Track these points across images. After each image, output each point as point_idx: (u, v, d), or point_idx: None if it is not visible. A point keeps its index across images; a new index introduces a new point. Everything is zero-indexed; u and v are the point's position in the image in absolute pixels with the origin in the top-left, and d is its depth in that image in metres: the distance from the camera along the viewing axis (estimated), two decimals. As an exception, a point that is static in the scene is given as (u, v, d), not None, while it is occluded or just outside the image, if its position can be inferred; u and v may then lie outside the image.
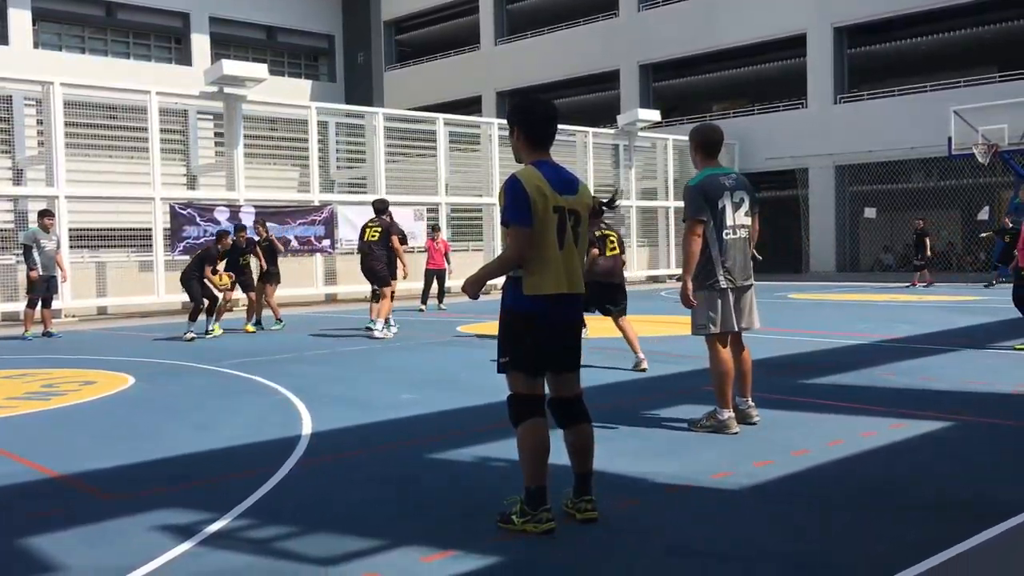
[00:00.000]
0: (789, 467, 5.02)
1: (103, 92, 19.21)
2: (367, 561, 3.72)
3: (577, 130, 26.26)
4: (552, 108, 4.24)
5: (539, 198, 4.01)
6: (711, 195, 5.84)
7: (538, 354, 4.10)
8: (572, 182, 4.18)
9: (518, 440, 4.12)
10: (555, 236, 4.05)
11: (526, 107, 4.23)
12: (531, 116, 4.20)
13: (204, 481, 5.08)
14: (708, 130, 6.08)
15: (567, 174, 4.21)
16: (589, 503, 4.15)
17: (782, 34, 28.67)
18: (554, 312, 4.08)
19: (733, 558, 3.72)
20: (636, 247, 27.12)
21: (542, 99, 4.33)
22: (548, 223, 4.03)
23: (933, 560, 3.55)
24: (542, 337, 4.08)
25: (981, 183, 24.15)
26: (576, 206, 4.14)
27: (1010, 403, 6.83)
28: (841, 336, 11.41)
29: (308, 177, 20.69)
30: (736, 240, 5.90)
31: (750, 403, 6.20)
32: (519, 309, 4.10)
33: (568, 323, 4.18)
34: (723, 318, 5.91)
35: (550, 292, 4.05)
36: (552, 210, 4.04)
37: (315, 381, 8.65)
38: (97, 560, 3.80)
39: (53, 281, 14.22)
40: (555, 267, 4.05)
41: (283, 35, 40.21)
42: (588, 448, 4.22)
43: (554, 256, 4.05)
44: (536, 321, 4.07)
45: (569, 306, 4.14)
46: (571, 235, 4.11)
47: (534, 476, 4.02)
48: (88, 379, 9.23)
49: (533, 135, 4.19)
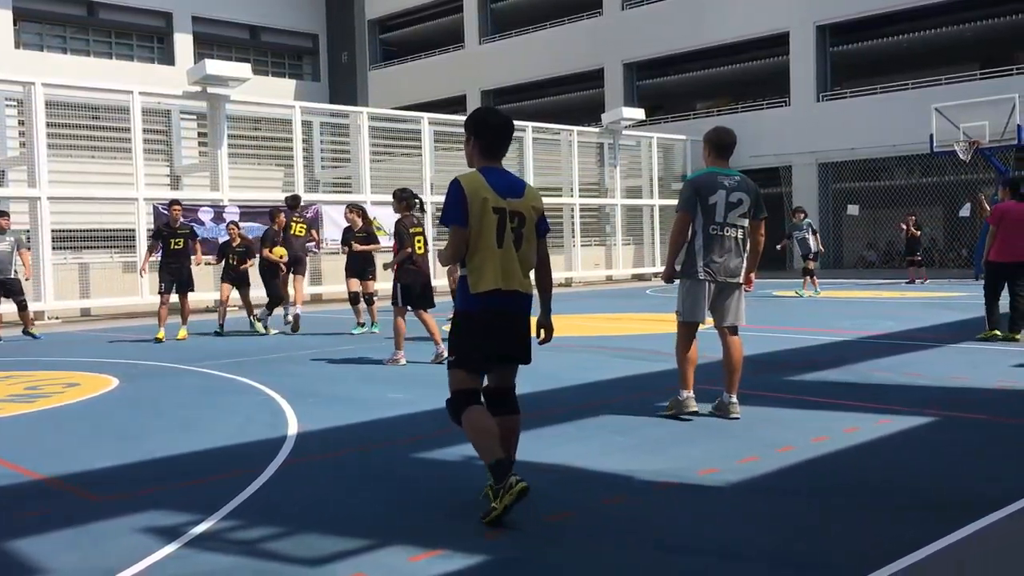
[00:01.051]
0: (774, 463, 5.05)
1: (85, 92, 19.07)
2: (354, 561, 3.72)
3: (562, 129, 26.30)
4: (509, 123, 4.47)
5: (477, 200, 4.25)
6: (703, 191, 6.11)
7: (481, 350, 4.34)
8: (517, 186, 4.42)
9: (465, 432, 4.31)
10: (494, 236, 4.28)
11: (483, 119, 4.46)
12: (487, 129, 4.42)
13: (190, 482, 5.06)
14: (722, 132, 6.38)
15: (514, 179, 4.46)
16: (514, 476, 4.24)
17: (765, 33, 28.80)
18: (494, 307, 4.31)
19: (719, 554, 3.73)
20: (621, 245, 27.19)
21: (500, 113, 4.54)
22: (487, 223, 4.27)
23: (918, 555, 3.58)
24: (488, 333, 4.33)
25: (963, 180, 24.31)
26: (520, 208, 4.36)
27: (993, 398, 6.88)
28: (825, 333, 11.46)
29: (293, 177, 20.62)
30: (723, 237, 6.11)
31: (732, 399, 6.29)
32: (464, 307, 4.38)
33: (510, 317, 4.37)
34: (693, 308, 6.24)
35: (489, 288, 4.28)
36: (492, 211, 4.27)
37: (301, 381, 8.63)
38: (82, 562, 3.78)
39: (14, 283, 13.48)
40: (494, 265, 4.29)
41: (267, 34, 40.07)
42: (516, 436, 4.49)
43: (493, 254, 4.29)
44: (480, 318, 4.32)
45: (510, 302, 4.34)
46: (511, 235, 4.33)
47: (490, 452, 4.16)
48: (72, 381, 9.18)
49: (486, 146, 4.43)
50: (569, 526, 4.10)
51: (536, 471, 5.06)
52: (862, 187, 26.54)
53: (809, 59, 28.02)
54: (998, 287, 10.29)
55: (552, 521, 4.16)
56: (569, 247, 25.94)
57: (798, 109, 28.31)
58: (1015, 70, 24.92)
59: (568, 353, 10.27)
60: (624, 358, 9.62)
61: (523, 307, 4.42)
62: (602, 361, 9.43)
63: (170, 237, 12.75)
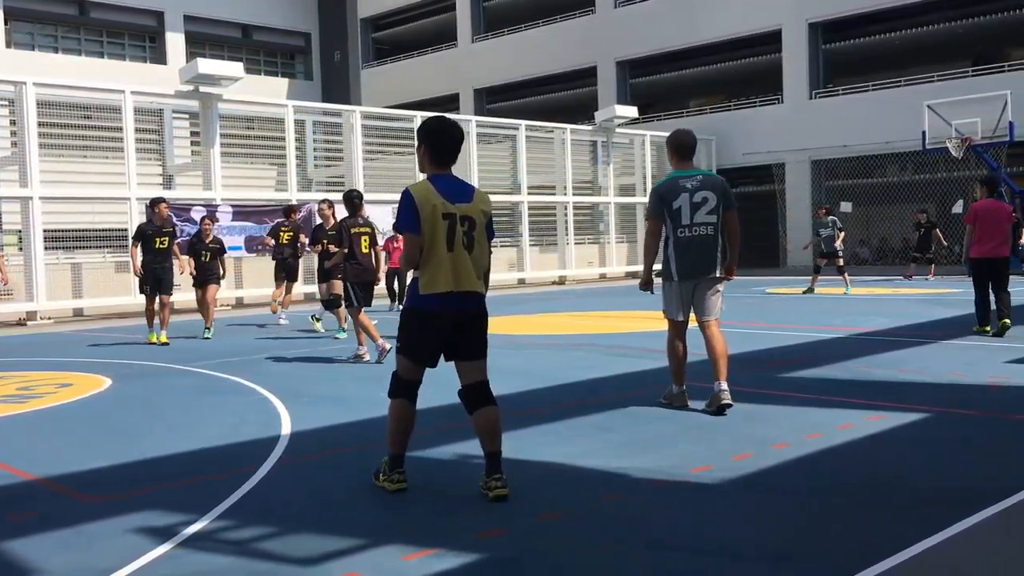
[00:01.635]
0: (768, 460, 5.06)
1: (77, 92, 18.99)
2: (348, 560, 3.71)
3: (555, 127, 26.30)
4: (459, 133, 4.72)
5: (428, 207, 4.49)
6: (667, 197, 6.44)
7: (425, 345, 4.62)
8: (466, 191, 4.65)
9: (389, 411, 4.71)
10: (444, 240, 4.51)
11: (436, 129, 4.68)
12: (439, 139, 4.66)
13: (183, 482, 5.05)
14: (680, 134, 6.63)
15: (463, 184, 4.69)
16: (499, 480, 4.48)
17: (758, 30, 28.82)
18: (444, 307, 4.54)
19: (714, 551, 3.74)
20: (615, 243, 27.20)
21: (452, 123, 4.75)
22: (437, 229, 4.50)
23: (911, 551, 3.59)
24: (432, 329, 4.58)
25: (955, 177, 24.37)
26: (470, 212, 4.58)
27: (985, 394, 6.90)
28: (818, 330, 11.48)
29: (285, 176, 20.59)
30: (693, 238, 6.41)
31: (723, 387, 6.43)
32: (412, 305, 4.63)
33: (460, 317, 4.58)
34: (674, 308, 6.57)
35: (440, 290, 4.51)
36: (442, 217, 4.50)
37: (294, 380, 8.62)
38: (75, 563, 3.77)
39: None
40: (444, 268, 4.51)
41: (259, 33, 39.98)
42: (495, 429, 4.58)
43: (443, 258, 4.51)
44: (428, 316, 4.57)
45: (460, 302, 4.55)
46: (462, 238, 4.55)
47: (394, 444, 4.65)
48: (65, 381, 9.16)
49: (437, 155, 4.66)
50: (563, 525, 4.10)
51: (528, 469, 5.06)
52: (855, 184, 26.59)
53: (802, 56, 28.05)
54: (984, 284, 10.45)
55: (545, 520, 4.16)
56: (563, 245, 25.94)
57: (791, 106, 28.35)
58: (1007, 67, 24.99)
59: (561, 351, 10.27)
60: (617, 356, 9.62)
61: (477, 306, 4.63)
62: (595, 359, 9.43)
63: (155, 236, 11.99)
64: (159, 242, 12.01)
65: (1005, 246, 10.40)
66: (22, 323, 16.58)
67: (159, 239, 12.02)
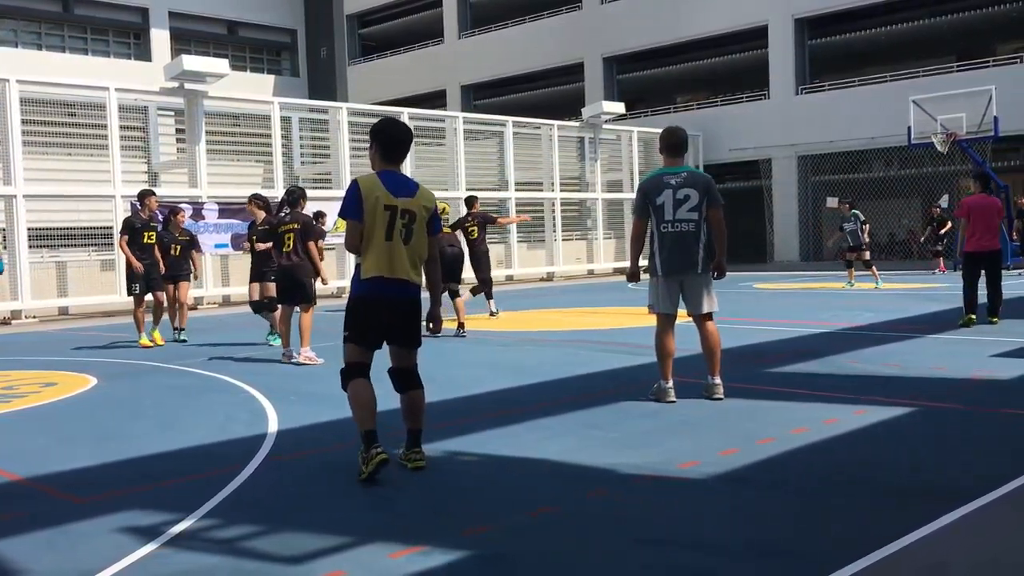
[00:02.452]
0: (754, 455, 5.07)
1: (61, 89, 18.87)
2: (334, 558, 3.70)
3: (542, 123, 26.28)
4: (407, 133, 5.07)
5: (371, 198, 4.82)
6: (650, 194, 6.60)
7: (366, 328, 4.91)
8: (410, 187, 4.98)
9: (348, 399, 4.93)
10: (384, 230, 4.84)
11: (382, 129, 5.03)
12: (388, 137, 5.00)
13: (169, 481, 5.03)
14: (670, 131, 6.81)
15: (408, 181, 5.02)
16: (418, 454, 5.01)
17: (744, 26, 28.89)
18: (378, 292, 4.86)
19: (700, 546, 3.74)
20: (602, 239, 27.22)
21: (401, 124, 5.12)
22: (378, 219, 4.83)
23: (896, 544, 3.60)
24: (370, 313, 4.89)
25: (940, 172, 24.49)
26: (411, 206, 4.91)
27: (969, 388, 6.94)
28: (805, 325, 11.52)
29: (272, 173, 20.51)
30: (675, 233, 6.55)
31: (715, 380, 6.66)
32: (355, 292, 4.96)
33: (392, 303, 4.91)
34: (661, 301, 6.69)
35: (374, 275, 4.84)
36: (384, 208, 4.83)
37: (281, 379, 8.60)
38: (60, 564, 3.75)
39: None
40: (380, 255, 4.84)
41: (244, 30, 39.84)
42: (418, 409, 5.06)
43: (381, 246, 4.84)
44: (364, 300, 4.90)
45: (393, 288, 4.87)
46: (401, 230, 4.87)
47: (363, 422, 4.81)
48: (49, 380, 9.10)
49: (385, 152, 4.99)
50: (550, 521, 4.10)
51: (516, 465, 5.07)
52: (841, 179, 26.68)
53: (788, 52, 28.13)
54: (975, 276, 10.78)
55: (533, 516, 4.16)
56: (550, 241, 25.94)
57: (777, 102, 28.42)
58: (992, 62, 25.12)
59: (549, 347, 10.27)
60: (604, 352, 9.63)
61: (408, 294, 4.93)
62: (582, 355, 9.44)
63: (144, 230, 11.52)
64: (147, 237, 11.60)
65: (996, 239, 10.81)
66: (6, 322, 16.48)
67: (147, 234, 11.62)
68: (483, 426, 6.10)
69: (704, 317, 6.70)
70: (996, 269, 10.81)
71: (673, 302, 6.68)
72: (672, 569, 3.52)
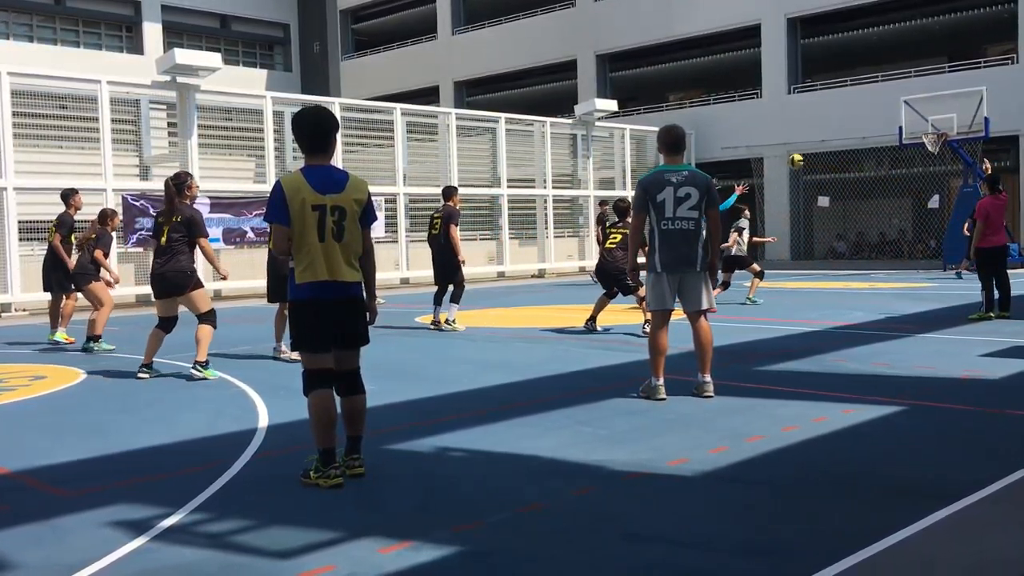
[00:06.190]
0: (743, 453, 5.08)
1: (52, 81, 18.76)
2: (323, 553, 3.70)
3: (535, 120, 26.27)
4: (329, 120, 4.75)
5: (297, 200, 4.60)
6: (651, 190, 6.62)
7: (316, 333, 4.71)
8: (339, 181, 4.73)
9: (308, 408, 4.76)
10: (315, 232, 4.63)
11: (296, 120, 4.79)
12: (301, 128, 4.75)
13: (158, 476, 5.02)
14: (669, 129, 6.89)
15: (336, 174, 4.76)
16: (357, 460, 4.83)
17: (737, 25, 28.93)
18: (319, 297, 4.67)
19: (689, 544, 3.76)
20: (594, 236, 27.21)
21: (322, 111, 4.81)
22: (308, 221, 4.62)
23: (884, 543, 3.62)
24: (313, 319, 4.69)
25: (931, 172, 24.56)
26: (340, 202, 4.67)
27: (958, 387, 6.97)
28: (795, 323, 11.55)
29: (264, 167, 20.46)
30: (675, 231, 6.59)
31: (706, 378, 6.72)
32: (293, 297, 4.76)
33: (334, 306, 4.71)
34: (657, 297, 6.72)
35: (312, 280, 4.65)
36: (312, 209, 4.61)
37: (271, 374, 8.59)
38: (47, 558, 3.74)
39: None
40: (315, 258, 4.64)
41: (237, 24, 39.69)
42: (359, 415, 4.86)
43: (315, 248, 4.63)
44: (306, 305, 4.70)
45: (333, 291, 4.69)
46: (333, 228, 4.65)
47: (322, 439, 4.67)
48: (39, 374, 9.07)
49: (307, 145, 4.75)
50: (539, 518, 4.11)
51: (506, 462, 5.07)
52: (832, 179, 26.75)
53: (780, 51, 28.18)
54: (990, 270, 11.50)
55: (521, 512, 4.17)
56: (542, 238, 25.94)
57: (769, 101, 28.47)
58: (983, 63, 25.20)
59: (539, 344, 10.28)
60: (596, 349, 9.64)
61: (350, 294, 4.76)
62: (574, 352, 9.44)
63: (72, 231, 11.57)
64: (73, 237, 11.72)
65: (1004, 235, 11.94)
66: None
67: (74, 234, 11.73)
68: (472, 423, 6.11)
69: (697, 314, 6.75)
70: (1004, 261, 11.67)
71: (671, 299, 6.73)
72: (660, 566, 3.53)
